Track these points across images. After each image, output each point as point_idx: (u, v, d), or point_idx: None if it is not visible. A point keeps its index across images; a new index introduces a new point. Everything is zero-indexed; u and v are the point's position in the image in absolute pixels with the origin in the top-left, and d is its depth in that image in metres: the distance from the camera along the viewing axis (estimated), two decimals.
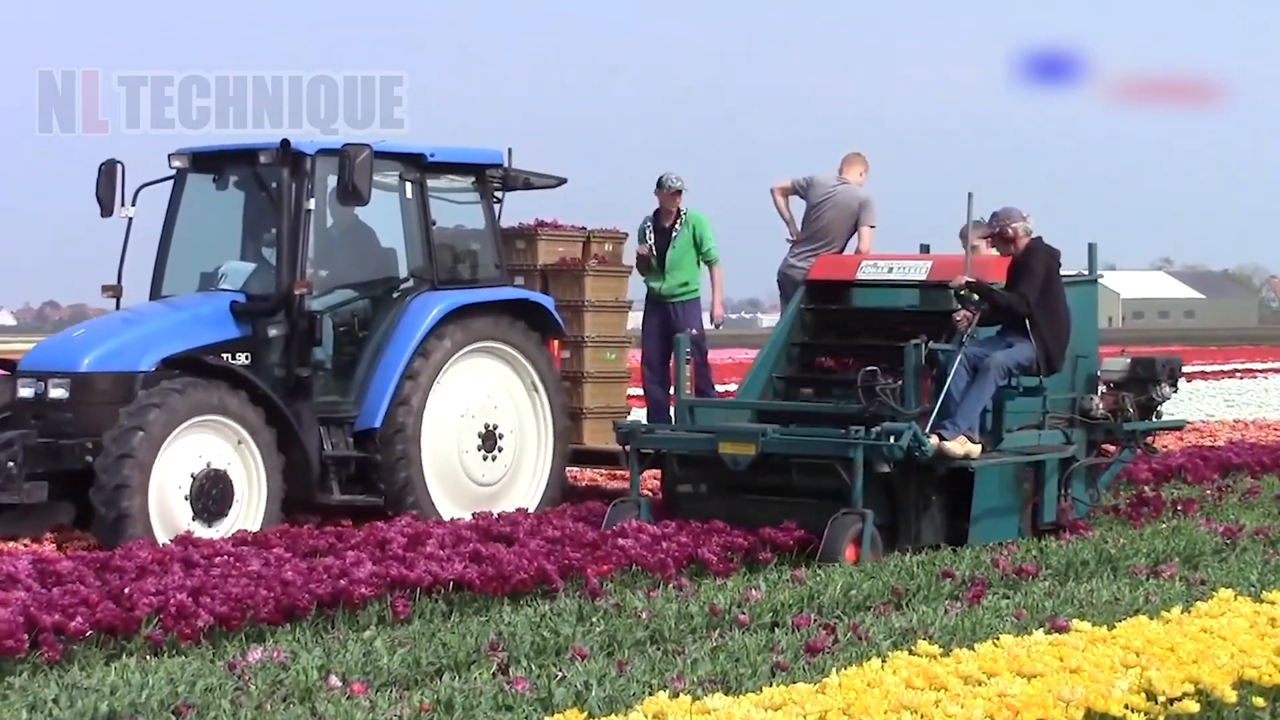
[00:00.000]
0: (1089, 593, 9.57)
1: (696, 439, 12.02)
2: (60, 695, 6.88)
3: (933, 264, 12.85)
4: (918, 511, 11.58)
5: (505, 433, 13.13)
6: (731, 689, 7.02)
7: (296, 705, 6.91)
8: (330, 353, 12.52)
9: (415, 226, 12.94)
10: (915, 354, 11.64)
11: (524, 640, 8.17)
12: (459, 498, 12.77)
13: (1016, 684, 6.84)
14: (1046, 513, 12.36)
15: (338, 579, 9.24)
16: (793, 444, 11.56)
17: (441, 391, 12.72)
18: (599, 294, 14.42)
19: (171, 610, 8.45)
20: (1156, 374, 13.11)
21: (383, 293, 12.94)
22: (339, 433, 12.39)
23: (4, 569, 9.48)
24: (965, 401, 11.62)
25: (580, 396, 14.35)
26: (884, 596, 9.61)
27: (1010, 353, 11.82)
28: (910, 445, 11.15)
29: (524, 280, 14.01)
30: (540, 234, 14.42)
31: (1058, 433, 12.65)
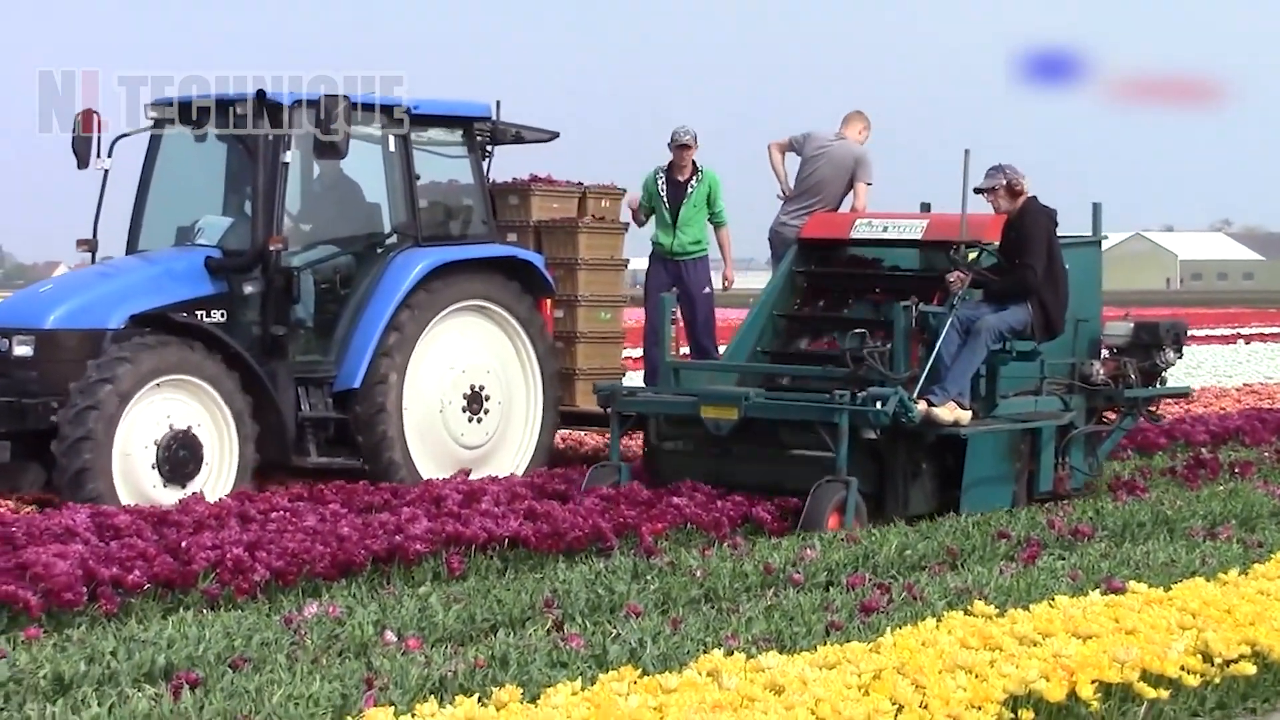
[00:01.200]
0: (1145, 554, 9.53)
1: (678, 402, 11.58)
2: (118, 648, 6.92)
3: (930, 223, 12.43)
4: (906, 479, 11.12)
5: (492, 394, 12.73)
6: (786, 648, 7.03)
7: (352, 660, 6.94)
8: (311, 311, 12.16)
9: (399, 181, 12.54)
10: (905, 316, 11.28)
11: (579, 597, 8.18)
12: (443, 460, 12.39)
13: (1072, 645, 6.84)
14: (1042, 481, 11.90)
15: (393, 535, 9.27)
16: (776, 409, 11.13)
17: (425, 351, 12.34)
18: (594, 252, 13.89)
19: (228, 564, 8.50)
20: (1160, 339, 12.70)
21: (366, 249, 12.56)
22: (318, 393, 12.03)
23: (63, 522, 9.55)
24: (955, 366, 11.19)
25: (574, 357, 13.87)
26: (939, 556, 9.59)
27: (1003, 315, 11.40)
28: (896, 411, 10.70)
29: (517, 237, 13.67)
30: (534, 190, 13.92)
31: (1055, 399, 12.18)
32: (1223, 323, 44.41)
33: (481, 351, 12.69)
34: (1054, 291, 11.52)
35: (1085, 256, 12.61)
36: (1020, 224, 11.56)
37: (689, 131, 14.01)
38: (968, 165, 11.63)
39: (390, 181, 12.61)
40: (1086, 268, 12.54)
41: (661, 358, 12.11)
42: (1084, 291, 12.31)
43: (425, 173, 12.70)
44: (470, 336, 12.64)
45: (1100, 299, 12.90)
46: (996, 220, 11.79)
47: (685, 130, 14.01)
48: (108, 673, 6.62)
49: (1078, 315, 12.23)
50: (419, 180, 12.53)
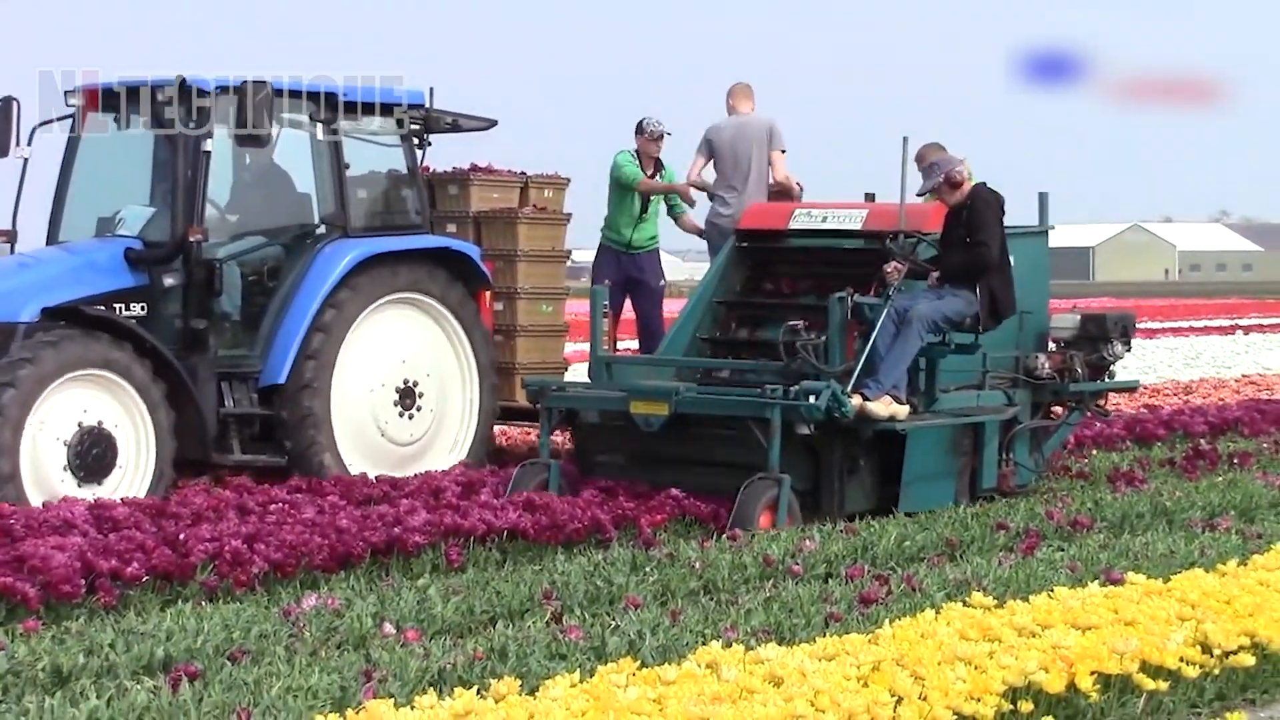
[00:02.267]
0: (1144, 545, 9.52)
1: (608, 398, 11.24)
2: (116, 640, 6.92)
3: (869, 212, 12.00)
4: (842, 476, 10.76)
5: (425, 389, 12.28)
6: (785, 639, 7.02)
7: (351, 652, 6.94)
8: (237, 303, 11.78)
9: (327, 170, 12.07)
10: (840, 308, 10.88)
11: (577, 589, 8.18)
12: (374, 457, 11.94)
13: (1071, 636, 6.83)
14: (986, 478, 11.56)
15: (392, 527, 9.27)
16: (707, 404, 10.79)
17: (354, 345, 11.88)
18: (534, 243, 13.46)
19: (227, 557, 8.50)
20: (1108, 332, 12.36)
21: (295, 240, 12.10)
22: (242, 388, 11.58)
23: (61, 514, 9.55)
24: (889, 358, 10.80)
25: (513, 351, 13.40)
26: (938, 548, 9.59)
27: (937, 305, 11.01)
28: (829, 405, 10.32)
29: (456, 228, 13.28)
30: (473, 179, 13.46)
31: (999, 393, 11.83)
32: (1221, 314, 44.44)
33: (414, 345, 12.26)
34: (1000, 278, 11.19)
35: (1032, 247, 12.38)
36: (971, 208, 11.21)
37: (658, 123, 13.77)
38: (906, 153, 11.38)
39: (319, 171, 12.20)
40: (1033, 258, 12.31)
41: (593, 352, 11.65)
42: (1030, 283, 12.06)
43: (358, 162, 12.27)
44: (402, 330, 12.21)
45: (1047, 291, 12.62)
46: (937, 210, 11.53)
47: (654, 121, 13.76)
48: (106, 665, 6.62)
49: (1023, 307, 11.90)
50: (349, 169, 12.09)
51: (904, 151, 11.35)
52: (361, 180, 12.42)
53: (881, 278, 11.13)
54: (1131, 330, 12.65)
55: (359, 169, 12.31)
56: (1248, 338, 32.45)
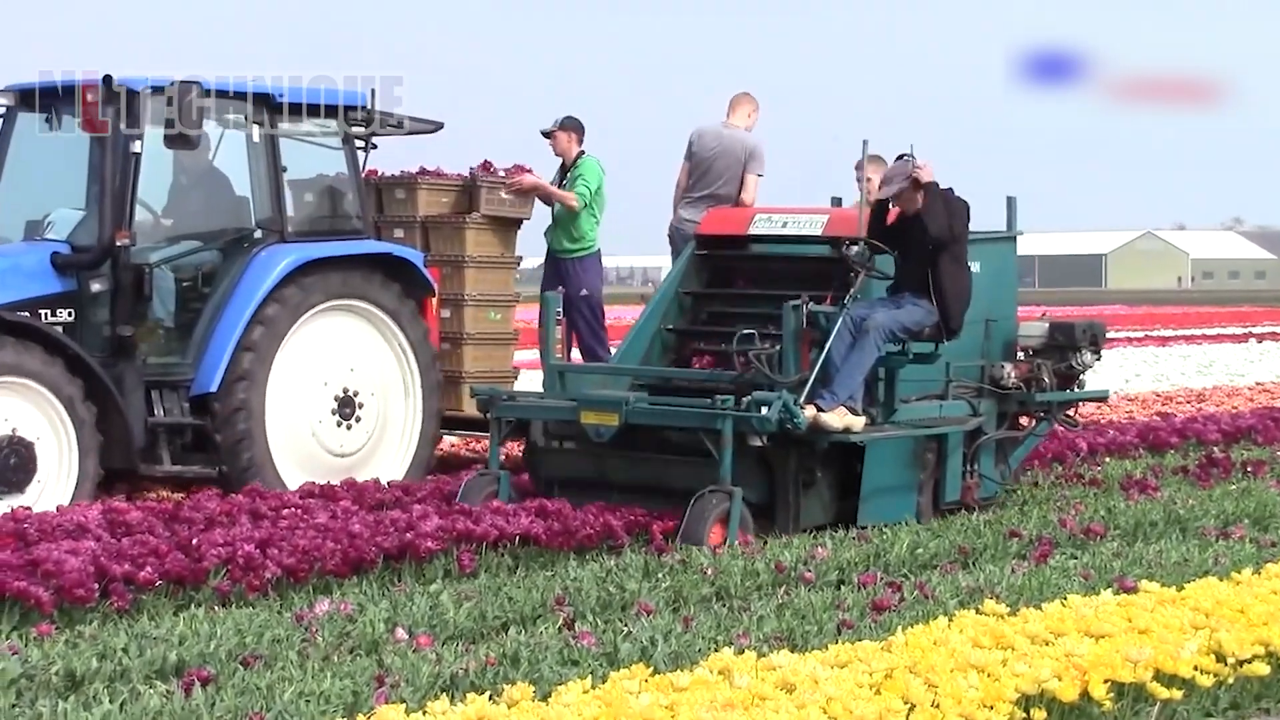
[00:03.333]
0: (1157, 553, 9.51)
1: (558, 407, 10.97)
2: (130, 644, 6.93)
3: (830, 218, 11.76)
4: (797, 489, 10.47)
5: (366, 399, 11.96)
6: (797, 646, 7.02)
7: (363, 657, 6.94)
8: (171, 310, 11.44)
9: (264, 173, 11.70)
10: (794, 316, 10.54)
11: (590, 595, 8.18)
12: (312, 468, 11.58)
13: (1084, 644, 6.82)
14: (949, 491, 11.28)
15: (404, 532, 9.27)
16: (658, 414, 10.53)
17: (290, 353, 11.54)
18: (482, 249, 13.12)
19: (239, 561, 8.50)
20: (1076, 340, 12.01)
21: (231, 245, 11.74)
22: (173, 397, 11.24)
23: (74, 518, 9.56)
24: (844, 368, 10.49)
25: (460, 359, 13.09)
26: (950, 555, 9.58)
27: (895, 314, 10.71)
28: (781, 417, 10.03)
29: (403, 233, 13.02)
30: (420, 183, 13.16)
31: (963, 404, 11.50)
32: (1235, 321, 44.39)
33: (354, 354, 11.93)
34: (956, 285, 10.86)
35: (999, 253, 12.07)
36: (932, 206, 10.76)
37: (568, 117, 13.52)
38: (865, 157, 11.21)
39: (255, 174, 11.81)
40: (1000, 265, 12.04)
41: (544, 359, 11.46)
42: (998, 290, 11.86)
43: (299, 165, 11.96)
44: (342, 338, 11.87)
45: (1015, 298, 12.36)
46: (892, 215, 11.09)
47: (560, 118, 13.54)
48: (119, 669, 6.63)
49: (990, 315, 11.74)
50: (286, 172, 11.74)
51: (864, 154, 11.20)
52: (301, 184, 12.15)
53: (842, 284, 10.85)
54: (1101, 339, 12.33)
55: (299, 172, 12.04)
56: (1261, 346, 32.38)
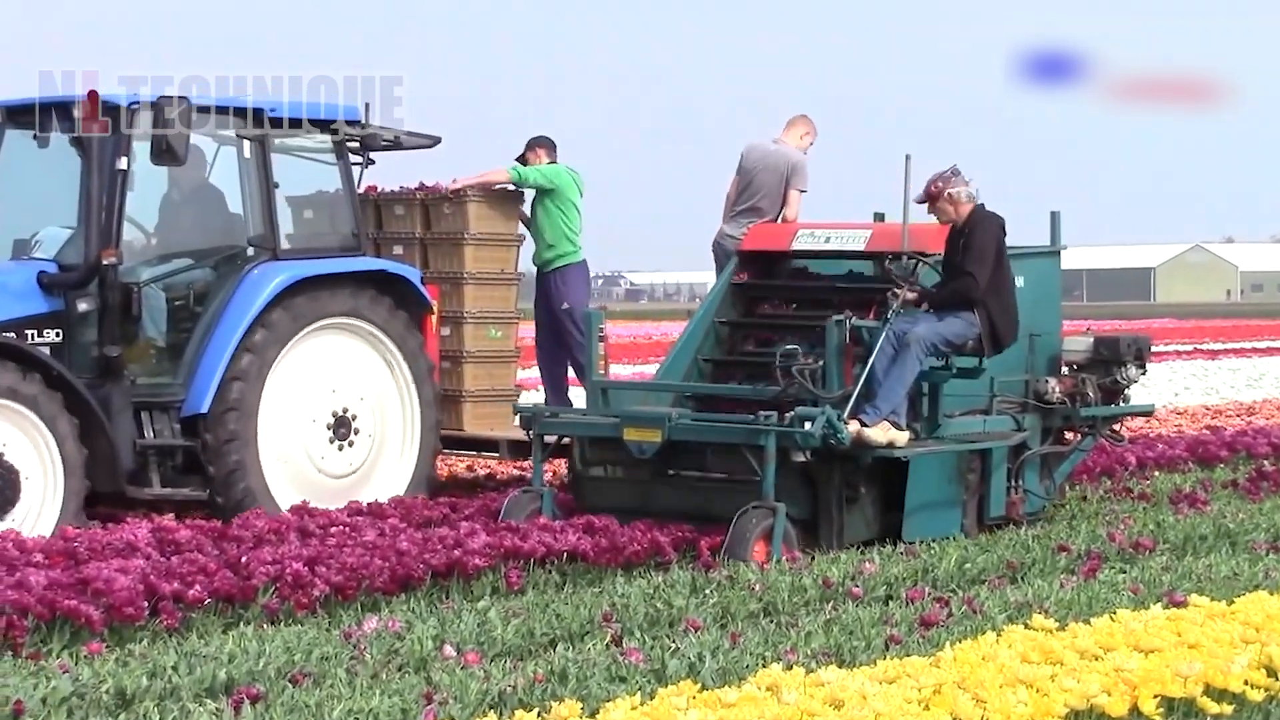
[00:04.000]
0: (1207, 568, 9.46)
1: (599, 424, 10.91)
2: (179, 662, 6.96)
3: (873, 233, 11.72)
4: (841, 505, 10.45)
5: (362, 419, 11.70)
6: (845, 662, 7.00)
7: (412, 674, 6.95)
8: (163, 329, 11.23)
9: (255, 189, 11.45)
10: (838, 331, 10.53)
11: (637, 612, 8.18)
12: (307, 490, 11.33)
13: (1134, 659, 6.78)
14: (994, 506, 11.24)
15: (452, 549, 9.28)
16: (702, 430, 10.54)
17: (284, 373, 11.30)
18: (481, 265, 12.89)
19: (288, 579, 8.53)
20: (1121, 354, 11.89)
21: (223, 263, 11.53)
22: (163, 418, 11.00)
23: (124, 536, 9.61)
24: (886, 382, 10.44)
25: (460, 378, 12.88)
26: (998, 570, 9.55)
27: (936, 327, 10.63)
28: (824, 432, 10.04)
29: (402, 250, 12.86)
30: (422, 199, 13.03)
31: (1007, 418, 11.48)
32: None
33: (350, 373, 11.67)
34: (1000, 302, 10.81)
35: (1043, 267, 12.03)
36: (967, 232, 10.87)
37: (538, 136, 13.23)
38: (909, 171, 10.99)
39: (247, 190, 11.55)
40: (1044, 279, 12.01)
41: (589, 376, 11.36)
42: (1042, 305, 11.82)
43: (293, 181, 11.77)
44: (337, 357, 11.62)
45: (1059, 312, 12.33)
46: (941, 230, 11.12)
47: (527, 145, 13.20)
48: (169, 687, 6.65)
49: (1034, 330, 11.65)
50: (278, 188, 11.49)
51: (907, 169, 10.99)
52: (296, 200, 11.97)
53: (883, 300, 10.84)
54: (1147, 353, 12.24)
55: (295, 188, 11.88)
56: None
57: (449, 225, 12.92)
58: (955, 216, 10.91)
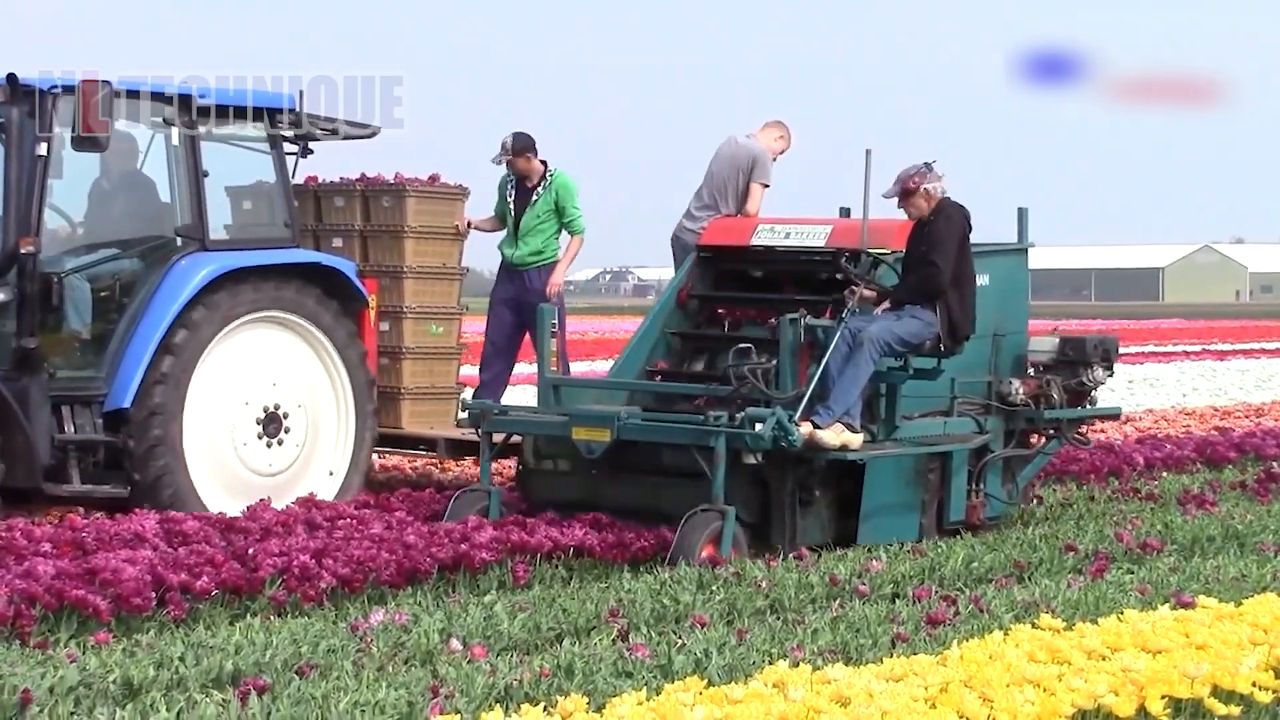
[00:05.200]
0: (1215, 569, 9.45)
1: (548, 423, 10.70)
2: (186, 653, 6.96)
3: (833, 229, 11.37)
4: (794, 508, 10.17)
5: (293, 415, 11.39)
6: (852, 659, 7.00)
7: (418, 667, 6.95)
8: (87, 321, 10.82)
9: (184, 178, 11.08)
10: (791, 330, 10.29)
11: (644, 607, 8.18)
12: (235, 489, 11.05)
13: (1141, 659, 6.78)
14: (954, 510, 10.96)
15: (459, 543, 9.29)
16: (651, 430, 10.28)
17: (211, 367, 10.98)
18: (422, 259, 12.65)
19: (295, 571, 8.54)
20: (1088, 356, 11.63)
21: (150, 253, 11.13)
22: (85, 413, 10.63)
23: (132, 528, 9.63)
24: (839, 383, 10.15)
25: (399, 375, 12.61)
26: (1006, 569, 9.54)
27: (891, 326, 10.35)
28: (775, 434, 9.76)
29: (342, 243, 12.56)
30: (361, 190, 12.70)
31: (969, 420, 11.20)
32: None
33: (281, 368, 11.35)
34: (959, 295, 10.53)
35: (1009, 265, 11.78)
36: (931, 221, 10.59)
37: (518, 137, 12.70)
38: (869, 166, 10.69)
39: (176, 179, 11.19)
40: (1011, 278, 11.73)
41: (541, 374, 11.14)
42: (1008, 303, 11.59)
43: (226, 171, 11.39)
44: (268, 352, 11.30)
45: (1026, 311, 12.03)
46: (904, 227, 10.87)
47: (509, 141, 12.69)
48: (176, 678, 6.66)
49: (1000, 329, 11.43)
50: (208, 177, 11.11)
51: (867, 165, 10.69)
52: (228, 190, 11.66)
53: (839, 298, 10.61)
54: (1114, 354, 11.96)
55: (228, 178, 11.55)
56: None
57: (388, 218, 12.63)
58: (924, 211, 10.64)
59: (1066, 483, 13.47)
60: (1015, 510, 11.82)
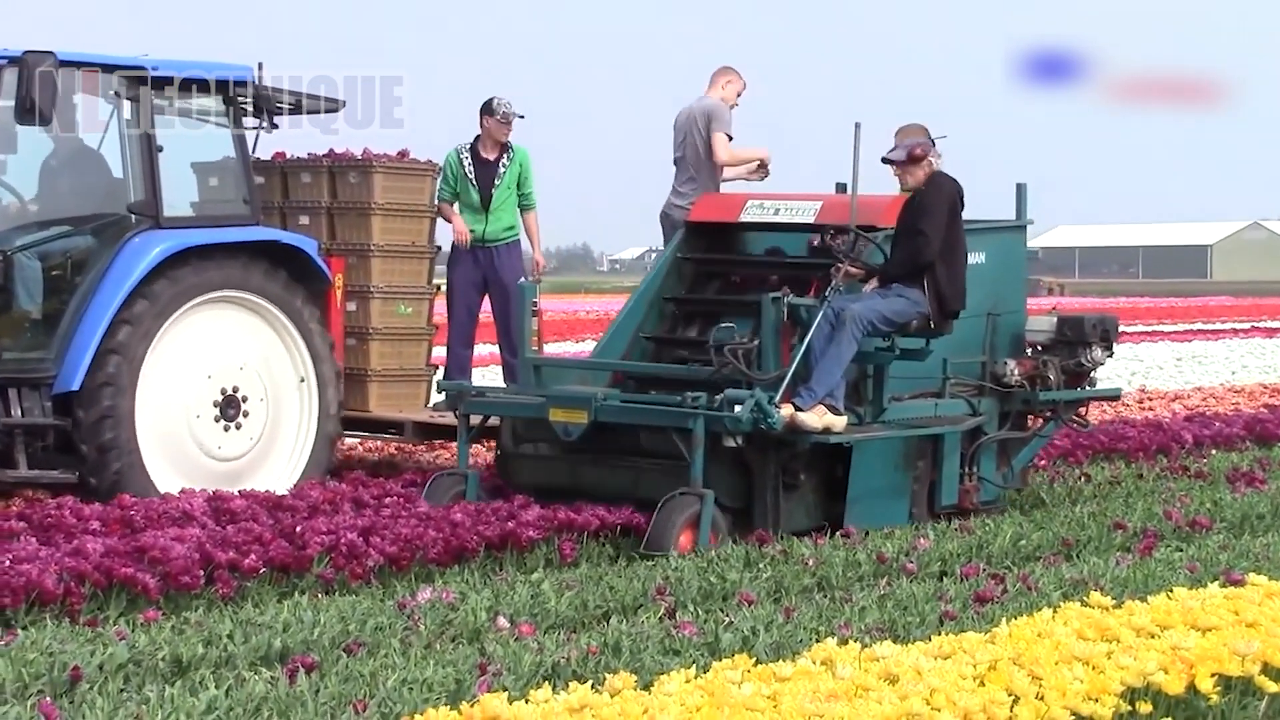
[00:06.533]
0: (1265, 546, 9.39)
1: (526, 404, 10.43)
2: (235, 631, 6.98)
3: (824, 205, 11.05)
4: (777, 492, 9.87)
5: (252, 398, 11.02)
6: (900, 637, 6.97)
7: (465, 645, 6.96)
8: (38, 300, 10.44)
9: (137, 154, 10.72)
10: (775, 309, 10.00)
11: (691, 585, 8.17)
12: (192, 474, 10.65)
13: (1191, 637, 6.73)
14: (946, 494, 10.66)
15: (505, 521, 9.30)
16: (629, 412, 9.99)
17: (166, 348, 10.58)
18: (390, 237, 12.26)
19: (342, 550, 8.56)
20: (1086, 335, 11.29)
21: (103, 231, 10.76)
22: (33, 396, 10.23)
23: (180, 506, 9.66)
24: (821, 363, 9.83)
25: (366, 356, 12.24)
26: (1054, 547, 9.51)
27: (875, 304, 10.03)
28: (754, 416, 9.48)
29: (308, 220, 12.21)
30: (328, 166, 12.35)
31: (961, 402, 10.91)
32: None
33: (240, 349, 10.98)
34: (948, 269, 10.21)
35: (1006, 242, 11.47)
36: (921, 192, 10.31)
37: (508, 102, 12.52)
38: (858, 140, 10.33)
39: (129, 155, 10.82)
40: (1008, 255, 11.45)
41: (521, 354, 10.91)
42: (1004, 282, 11.30)
43: (182, 146, 11.03)
44: (226, 333, 10.92)
45: (1024, 290, 11.73)
46: (894, 203, 10.60)
47: (506, 102, 12.51)
48: (224, 655, 6.68)
49: (995, 308, 11.15)
50: (162, 152, 10.72)
51: (856, 139, 10.34)
52: (181, 166, 11.26)
53: (824, 276, 10.28)
54: (1114, 334, 11.59)
55: (184, 155, 11.21)
56: None
57: (355, 195, 12.30)
58: (920, 182, 10.35)
59: (1115, 460, 13.42)
60: (1011, 494, 11.48)
